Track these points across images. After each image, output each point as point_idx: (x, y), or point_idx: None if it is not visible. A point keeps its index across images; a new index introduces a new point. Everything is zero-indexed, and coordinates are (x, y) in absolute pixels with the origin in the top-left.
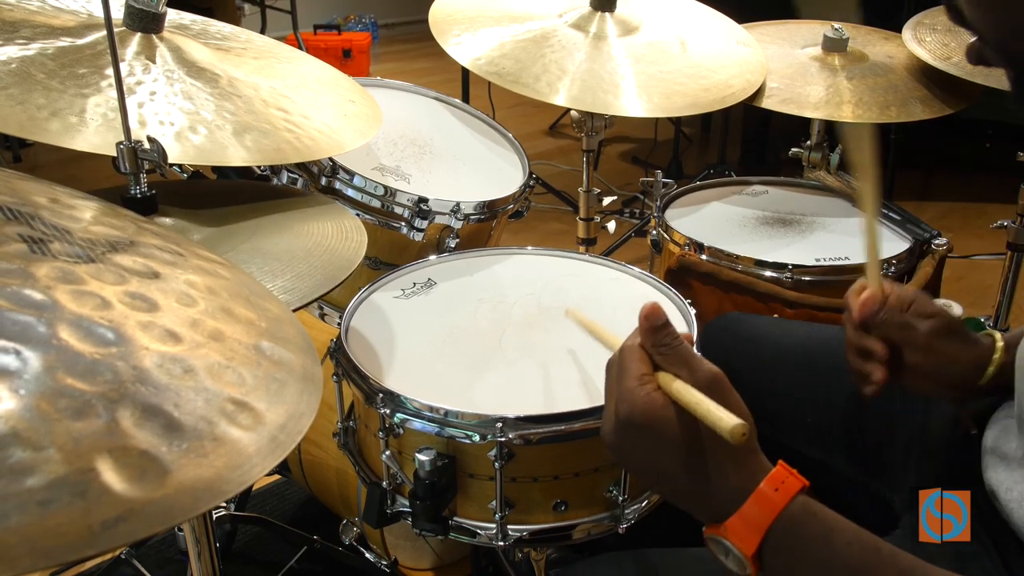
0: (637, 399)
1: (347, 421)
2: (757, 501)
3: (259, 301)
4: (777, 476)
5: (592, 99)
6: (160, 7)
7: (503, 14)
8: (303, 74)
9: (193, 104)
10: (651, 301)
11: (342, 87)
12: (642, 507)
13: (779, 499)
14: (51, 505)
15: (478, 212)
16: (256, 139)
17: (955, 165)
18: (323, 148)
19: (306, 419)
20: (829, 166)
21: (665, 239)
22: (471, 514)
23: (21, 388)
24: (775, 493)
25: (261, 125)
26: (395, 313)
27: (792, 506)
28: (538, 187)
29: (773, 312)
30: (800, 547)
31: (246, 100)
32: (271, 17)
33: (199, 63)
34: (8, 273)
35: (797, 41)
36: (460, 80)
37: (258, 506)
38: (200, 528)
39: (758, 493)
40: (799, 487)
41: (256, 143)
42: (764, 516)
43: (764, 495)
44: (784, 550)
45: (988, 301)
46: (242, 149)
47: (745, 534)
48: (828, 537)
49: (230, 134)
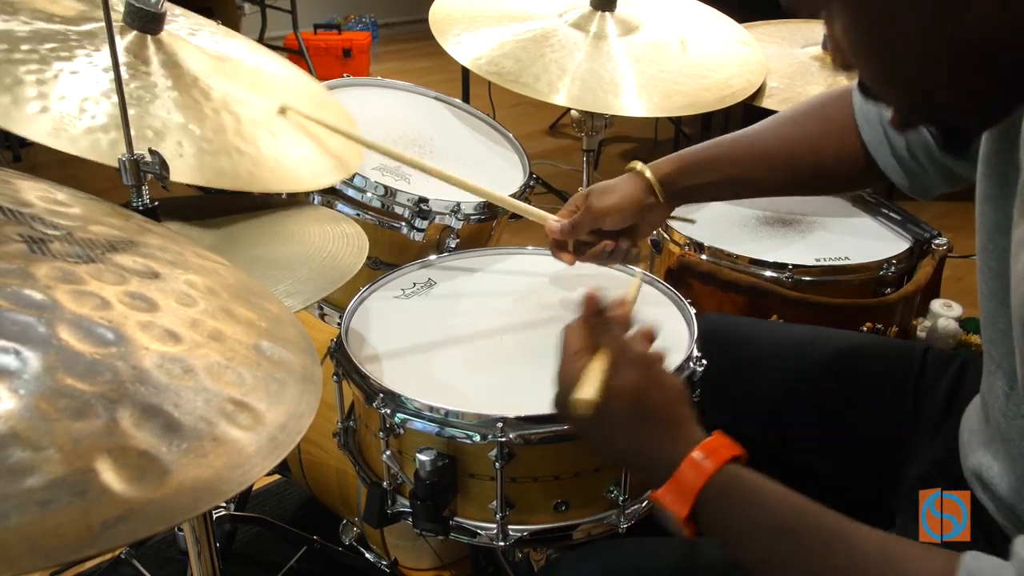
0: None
1: (347, 421)
2: (688, 467)
3: (259, 301)
4: (709, 445)
5: (592, 99)
6: (160, 7)
7: (503, 14)
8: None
9: (168, 111)
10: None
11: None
12: (642, 507)
13: (709, 466)
14: (51, 505)
15: (478, 212)
16: (214, 160)
17: None
18: (280, 182)
19: (306, 419)
20: None
21: (665, 239)
22: (471, 514)
23: (21, 388)
24: (705, 461)
25: (224, 147)
26: (395, 313)
27: (722, 473)
28: (538, 187)
29: (773, 312)
30: (731, 511)
31: (223, 118)
32: (271, 17)
33: (190, 71)
34: (8, 273)
35: (797, 41)
36: (460, 80)
37: (258, 506)
38: (200, 528)
39: (688, 460)
40: (730, 455)
41: (212, 164)
42: (694, 482)
43: (694, 462)
44: (716, 515)
45: None
46: (200, 169)
47: (677, 499)
48: (757, 500)
49: (190, 147)
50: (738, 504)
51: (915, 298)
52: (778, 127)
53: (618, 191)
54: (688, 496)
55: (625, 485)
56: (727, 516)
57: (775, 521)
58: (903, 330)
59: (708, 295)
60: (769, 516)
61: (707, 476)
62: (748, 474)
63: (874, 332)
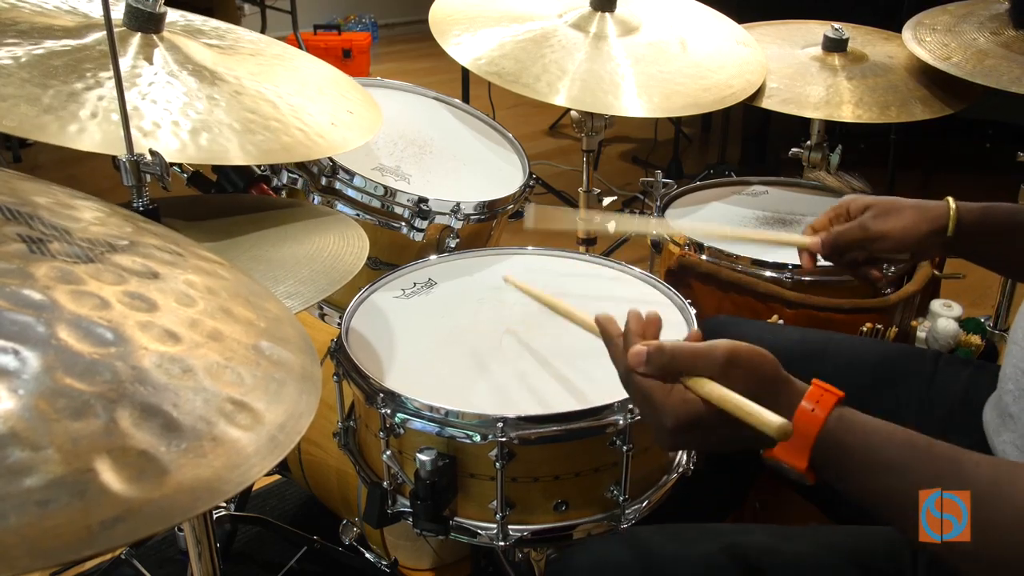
0: (676, 409)
1: (347, 421)
2: (800, 419)
3: (258, 301)
4: (813, 394)
5: (592, 99)
6: (158, 7)
7: (503, 14)
8: (304, 76)
9: (194, 104)
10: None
11: (343, 91)
12: (642, 507)
13: (819, 413)
14: (50, 505)
15: (478, 212)
16: (256, 139)
17: (955, 165)
18: (322, 148)
19: (305, 419)
20: (829, 166)
21: (665, 239)
22: (472, 514)
23: (20, 388)
24: (815, 409)
25: (262, 125)
26: (395, 313)
27: (831, 418)
28: (538, 187)
29: (773, 312)
30: (844, 453)
31: (247, 100)
32: (271, 17)
33: (199, 63)
34: (7, 273)
35: (797, 41)
36: (460, 80)
37: (258, 506)
38: (200, 528)
39: (799, 411)
40: (835, 400)
41: (256, 143)
42: (808, 432)
43: (804, 412)
44: (832, 459)
45: (988, 301)
46: (241, 149)
47: (794, 452)
48: (866, 439)
49: (231, 134)
50: (850, 445)
51: (915, 299)
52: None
53: (905, 216)
54: (805, 447)
55: (625, 485)
56: (841, 459)
57: (886, 456)
58: (903, 330)
59: (708, 295)
60: (880, 453)
61: (820, 423)
62: (855, 415)
63: (874, 332)
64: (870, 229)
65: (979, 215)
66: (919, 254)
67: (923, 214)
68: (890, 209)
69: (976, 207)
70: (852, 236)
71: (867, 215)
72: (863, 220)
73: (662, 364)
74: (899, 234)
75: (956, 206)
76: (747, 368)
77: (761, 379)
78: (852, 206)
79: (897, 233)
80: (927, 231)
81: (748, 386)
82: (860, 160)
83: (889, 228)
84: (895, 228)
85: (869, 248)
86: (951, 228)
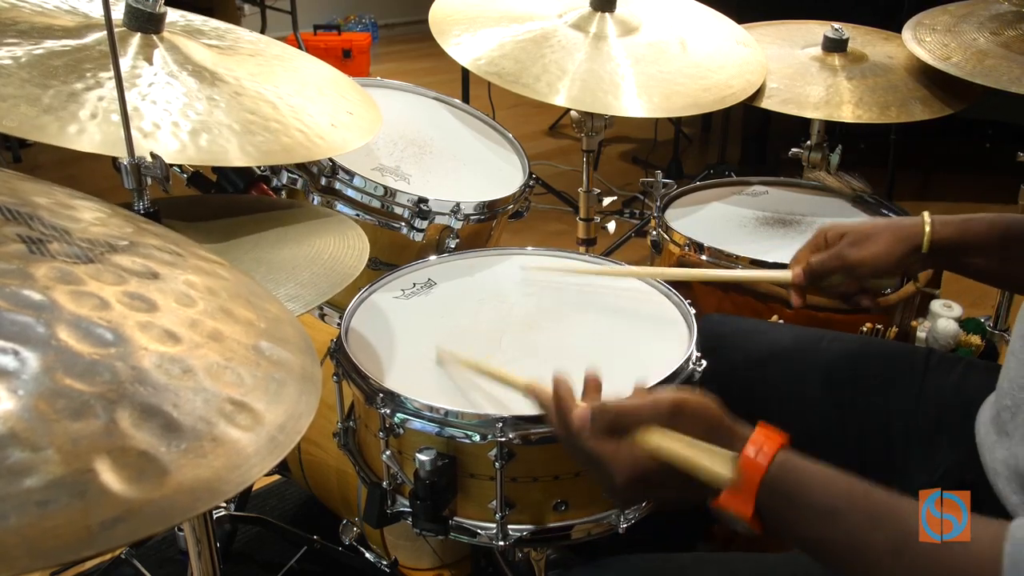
0: (623, 466)
1: (347, 421)
2: (744, 466)
3: (258, 301)
4: (757, 439)
5: (592, 99)
6: (158, 7)
7: (503, 14)
8: (304, 76)
9: (194, 105)
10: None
11: (343, 92)
12: (642, 507)
13: (761, 461)
14: (50, 505)
15: (478, 212)
16: (256, 140)
17: (955, 165)
18: (322, 149)
19: (305, 419)
20: (829, 166)
21: (665, 239)
22: (471, 514)
23: (20, 388)
24: (755, 459)
25: (262, 126)
26: (395, 313)
27: (774, 464)
28: (538, 187)
29: (773, 312)
30: (785, 499)
31: (246, 101)
32: (271, 17)
33: (199, 64)
34: (7, 273)
35: (797, 41)
36: (460, 80)
37: (258, 506)
38: (200, 528)
39: (743, 458)
40: (778, 445)
41: (256, 144)
42: (752, 479)
43: (748, 460)
44: (775, 507)
45: (988, 301)
46: (241, 151)
47: (740, 501)
48: (807, 485)
49: (230, 135)
50: (790, 492)
51: (915, 299)
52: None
53: (880, 240)
54: (750, 494)
55: None
56: (783, 507)
57: (824, 502)
58: (903, 330)
59: (708, 295)
60: (818, 498)
61: (763, 471)
62: (796, 461)
63: (874, 332)
64: (847, 257)
65: (957, 229)
66: (904, 274)
67: (897, 235)
68: (866, 235)
69: (954, 220)
70: (830, 265)
71: (843, 243)
72: (839, 249)
73: (607, 422)
74: (876, 260)
75: (931, 221)
76: (692, 417)
77: (707, 427)
78: (829, 235)
79: (874, 259)
80: (903, 252)
81: (695, 435)
82: (860, 160)
83: (865, 255)
84: (871, 254)
85: (852, 275)
86: (925, 245)
